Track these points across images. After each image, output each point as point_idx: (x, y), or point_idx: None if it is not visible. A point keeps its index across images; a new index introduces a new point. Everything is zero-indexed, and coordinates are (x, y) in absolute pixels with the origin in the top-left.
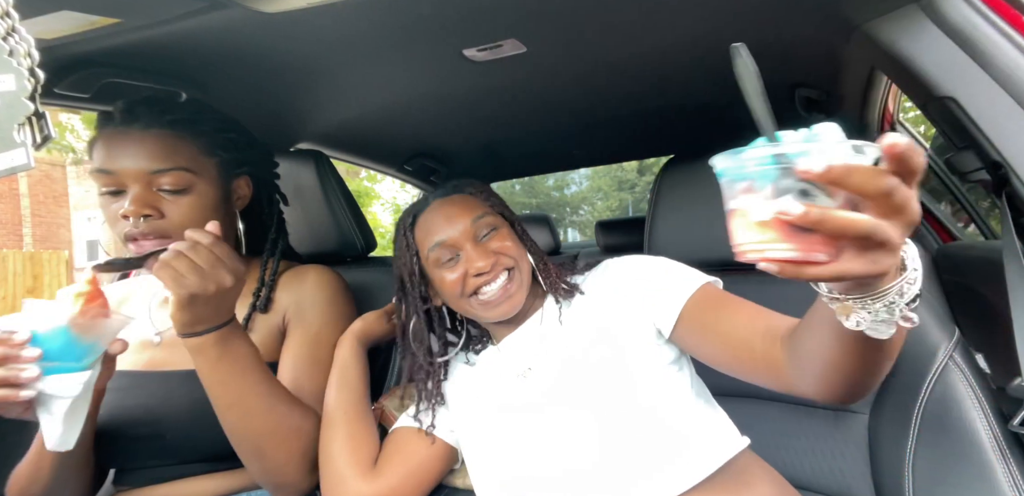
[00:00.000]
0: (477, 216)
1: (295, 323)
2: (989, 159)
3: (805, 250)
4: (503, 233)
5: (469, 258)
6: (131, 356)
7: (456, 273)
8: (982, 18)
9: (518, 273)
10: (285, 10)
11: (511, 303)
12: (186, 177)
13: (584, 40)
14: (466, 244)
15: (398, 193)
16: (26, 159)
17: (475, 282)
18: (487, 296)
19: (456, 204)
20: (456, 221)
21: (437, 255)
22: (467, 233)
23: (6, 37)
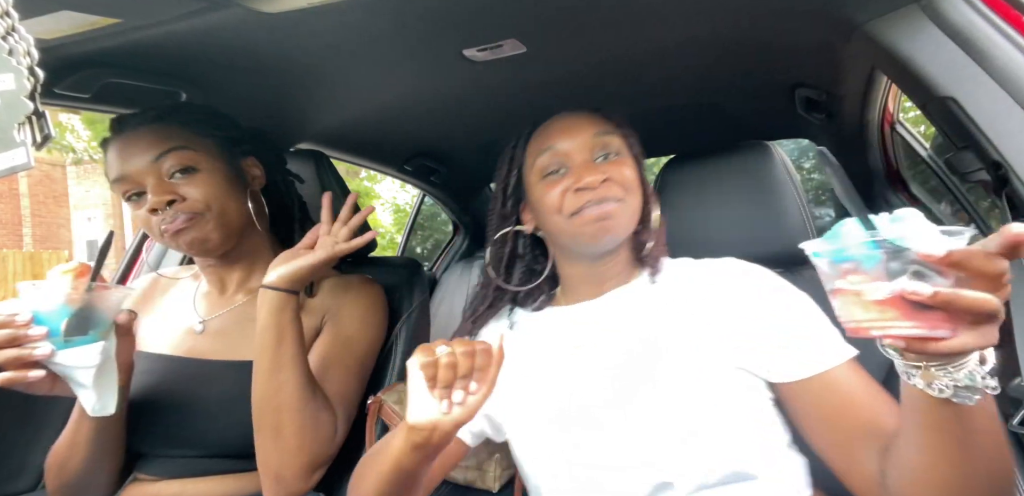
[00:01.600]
0: (601, 131)
1: (331, 325)
2: (989, 159)
3: (929, 327)
4: (625, 162)
5: (577, 171)
6: (173, 341)
7: (559, 187)
8: (982, 18)
9: (626, 208)
10: (285, 10)
11: (613, 224)
12: (188, 154)
13: (584, 40)
14: (579, 157)
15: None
16: (26, 158)
17: (578, 198)
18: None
19: (582, 118)
20: (576, 132)
21: (544, 162)
22: (584, 146)
23: (5, 36)
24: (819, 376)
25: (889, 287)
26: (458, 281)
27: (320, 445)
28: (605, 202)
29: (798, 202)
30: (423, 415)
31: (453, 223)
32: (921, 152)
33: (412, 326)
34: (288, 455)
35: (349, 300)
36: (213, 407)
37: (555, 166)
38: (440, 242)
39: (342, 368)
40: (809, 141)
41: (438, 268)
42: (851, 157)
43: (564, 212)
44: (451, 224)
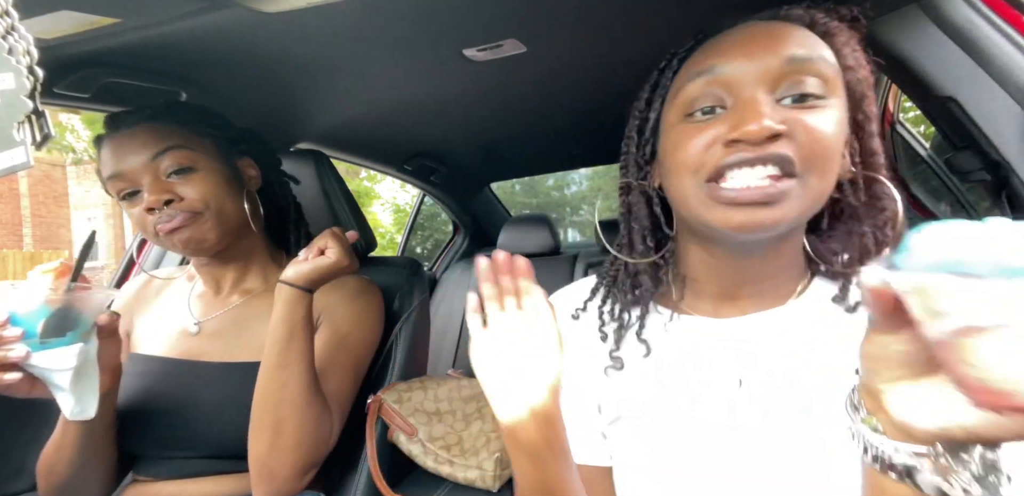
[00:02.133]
0: (802, 55)
1: (326, 324)
2: (989, 159)
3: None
4: (826, 111)
5: (743, 110)
6: (168, 343)
7: (705, 134)
8: (982, 18)
9: (798, 183)
10: (285, 10)
11: (770, 212)
12: (186, 154)
13: (584, 40)
14: (749, 89)
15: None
16: (26, 158)
17: (726, 154)
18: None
19: (775, 30)
20: (758, 51)
21: (693, 92)
22: (765, 73)
23: (5, 35)
24: None
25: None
26: (458, 281)
27: (317, 445)
28: (765, 168)
29: None
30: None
31: (453, 223)
32: (921, 152)
33: (412, 326)
34: (285, 453)
35: (345, 300)
36: (209, 409)
37: (708, 101)
38: (440, 242)
39: (338, 368)
40: None
41: (438, 268)
42: None
43: (700, 173)
44: (451, 224)
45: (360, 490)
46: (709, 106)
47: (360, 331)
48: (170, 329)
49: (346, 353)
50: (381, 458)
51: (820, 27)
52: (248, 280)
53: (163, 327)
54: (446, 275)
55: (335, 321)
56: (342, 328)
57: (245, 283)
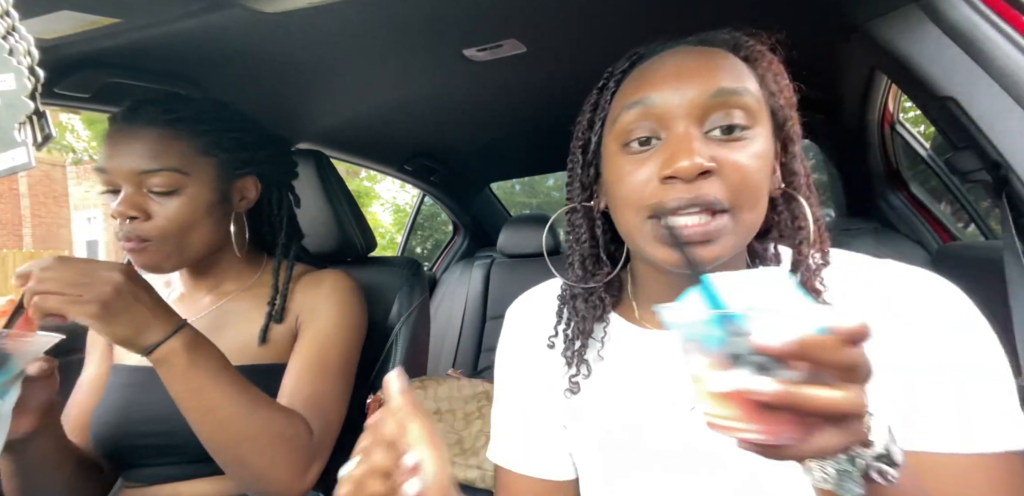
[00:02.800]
0: (725, 89)
1: (307, 327)
2: (989, 159)
3: (774, 433)
4: (756, 138)
5: (675, 146)
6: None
7: (642, 169)
8: (982, 18)
9: (730, 219)
10: (285, 10)
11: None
12: (176, 178)
13: (584, 40)
14: (679, 124)
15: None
16: (27, 158)
17: (663, 192)
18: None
19: (704, 58)
20: (687, 83)
21: (628, 122)
22: (695, 107)
23: (6, 36)
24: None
25: (729, 381)
26: (458, 281)
27: (294, 451)
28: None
29: None
30: None
31: (453, 223)
32: (921, 152)
33: (412, 326)
34: (265, 474)
35: (323, 297)
36: None
37: (643, 132)
38: (440, 242)
39: (322, 372)
40: (809, 141)
41: (438, 268)
42: (851, 157)
43: (642, 211)
44: (451, 224)
45: None
46: (644, 137)
47: (343, 329)
48: None
49: (331, 354)
50: None
51: (744, 51)
52: (225, 284)
53: None
54: (446, 275)
55: (315, 322)
56: (324, 328)
57: (222, 286)
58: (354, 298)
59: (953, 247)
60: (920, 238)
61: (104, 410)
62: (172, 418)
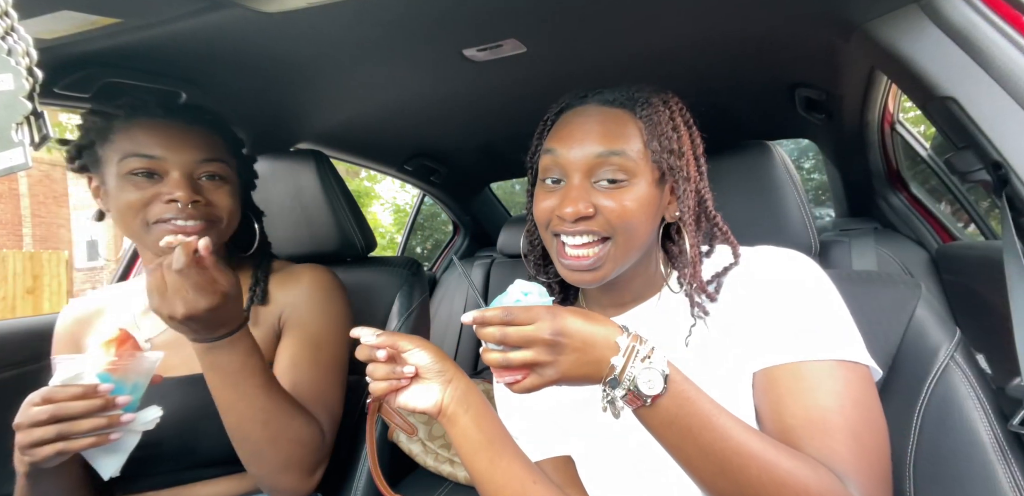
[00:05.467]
0: (607, 151)
1: (291, 324)
2: (989, 159)
3: (501, 376)
4: (633, 188)
5: (565, 195)
6: None
7: (549, 201)
8: (982, 18)
9: (612, 246)
10: (285, 10)
11: (591, 275)
12: (225, 168)
13: (584, 40)
14: (575, 175)
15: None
16: (24, 158)
17: (557, 224)
18: (567, 248)
19: (601, 120)
20: (585, 143)
21: (544, 164)
22: (585, 164)
23: (4, 36)
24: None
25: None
26: (458, 281)
27: (309, 454)
28: (583, 244)
29: (798, 202)
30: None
31: (453, 223)
32: (921, 152)
33: (412, 326)
34: (277, 471)
35: (304, 294)
36: (179, 424)
37: (554, 174)
38: (440, 242)
39: (316, 368)
40: (809, 141)
41: (438, 268)
42: (851, 157)
43: (548, 230)
44: (451, 224)
45: (360, 490)
46: (555, 178)
47: (330, 325)
48: None
49: (322, 352)
50: (381, 458)
51: (641, 110)
52: None
53: None
54: (446, 275)
55: (300, 322)
56: (310, 327)
57: None
58: (336, 292)
59: (953, 247)
60: (920, 238)
61: None
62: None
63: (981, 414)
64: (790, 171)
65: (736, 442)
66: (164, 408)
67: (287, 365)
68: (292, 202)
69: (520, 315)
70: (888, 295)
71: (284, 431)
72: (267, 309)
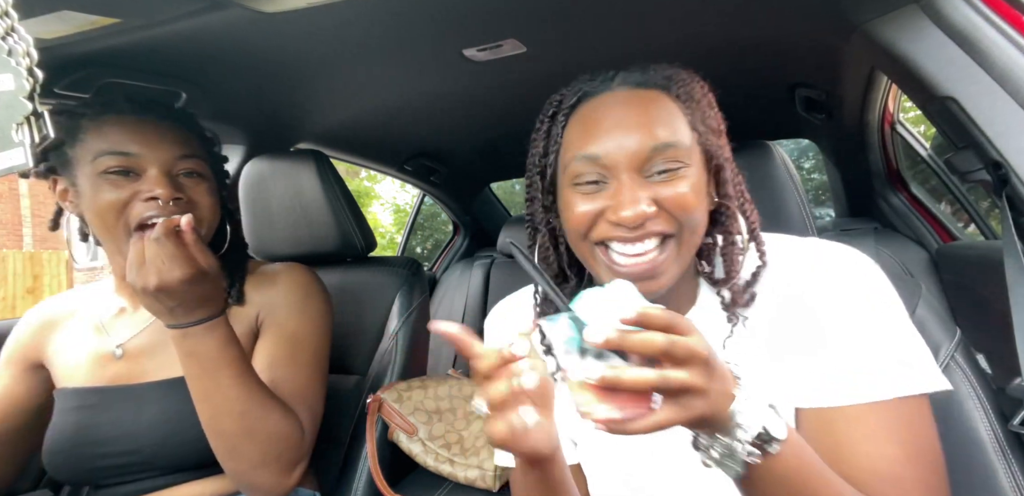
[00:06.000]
0: (661, 144)
1: (269, 324)
2: (989, 159)
3: (621, 409)
4: (689, 174)
5: (618, 196)
6: (95, 372)
7: (590, 206)
8: (982, 18)
9: (675, 246)
10: (285, 10)
11: (654, 283)
12: (202, 165)
13: (584, 40)
14: (623, 174)
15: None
16: (24, 158)
17: (607, 231)
18: (619, 257)
19: (641, 106)
20: (629, 134)
21: (581, 169)
22: (635, 158)
23: (5, 37)
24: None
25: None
26: (458, 281)
27: (286, 449)
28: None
29: (798, 202)
30: None
31: (453, 223)
32: (921, 152)
33: (412, 326)
34: (253, 467)
35: (281, 292)
36: (158, 428)
37: (592, 177)
38: (440, 242)
39: (295, 366)
40: (809, 141)
41: (438, 268)
42: (851, 157)
43: (589, 239)
44: (451, 224)
45: (360, 490)
46: (594, 179)
47: (308, 323)
48: (92, 357)
49: (301, 349)
50: (381, 458)
51: (677, 90)
52: None
53: (84, 356)
54: (446, 275)
55: (277, 321)
56: (287, 325)
57: None
58: (314, 290)
59: (953, 247)
60: (920, 238)
61: (59, 435)
62: (137, 435)
63: (981, 414)
64: (790, 171)
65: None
66: (142, 413)
67: (265, 364)
68: (292, 202)
69: (680, 322)
70: None
71: (260, 424)
72: (243, 310)
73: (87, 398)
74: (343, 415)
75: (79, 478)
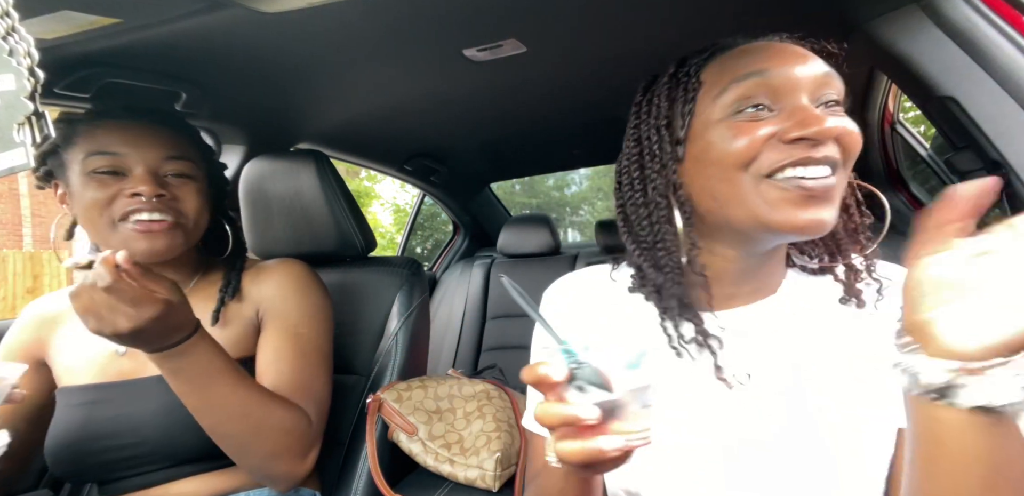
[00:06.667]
0: (829, 72)
1: (271, 317)
2: (989, 159)
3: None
4: (847, 116)
5: (803, 113)
6: (97, 368)
7: (761, 129)
8: (982, 18)
9: (838, 183)
10: (285, 10)
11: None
12: (191, 167)
13: (584, 40)
14: (802, 96)
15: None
16: (25, 159)
17: (785, 153)
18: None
19: (800, 48)
20: (801, 62)
21: (748, 90)
22: (814, 82)
23: (6, 37)
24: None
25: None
26: (458, 281)
27: (296, 440)
28: (821, 169)
29: None
30: None
31: (453, 223)
32: (921, 152)
33: (412, 326)
34: (267, 460)
35: (278, 286)
36: (163, 421)
37: (760, 100)
38: (440, 242)
39: (299, 358)
40: None
41: (438, 268)
42: None
43: (755, 169)
44: (451, 224)
45: (360, 490)
46: (758, 103)
47: (309, 317)
48: (95, 353)
49: (302, 341)
50: (381, 458)
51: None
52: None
53: (87, 353)
54: (446, 275)
55: (280, 314)
56: (290, 319)
57: None
58: (310, 282)
59: None
60: None
61: (62, 432)
62: (141, 427)
63: None
64: None
65: None
66: (146, 406)
67: (271, 357)
68: (292, 202)
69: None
70: None
71: (265, 423)
72: (242, 306)
73: (90, 394)
74: (343, 415)
75: (83, 473)
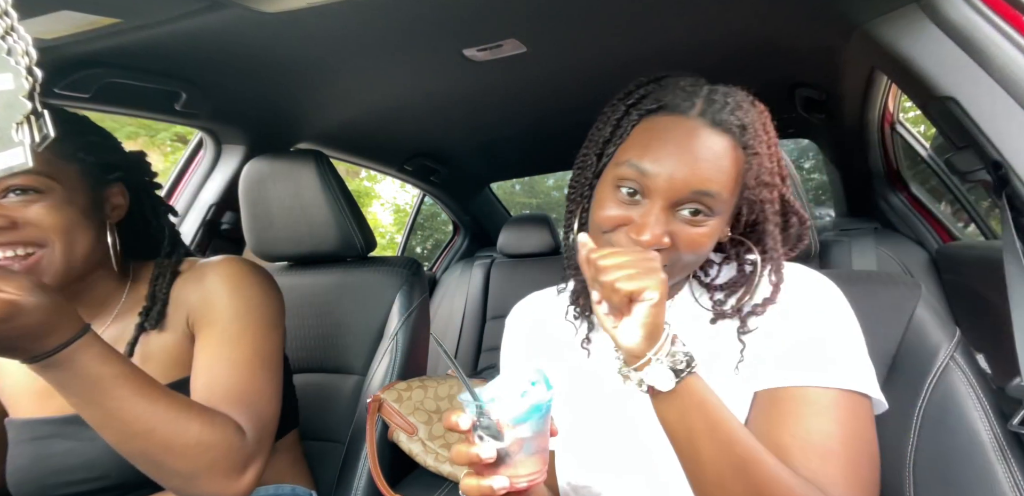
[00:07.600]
0: (703, 191)
1: (201, 324)
2: (989, 159)
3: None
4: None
5: (644, 220)
6: (40, 403)
7: (619, 212)
8: (982, 18)
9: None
10: (285, 10)
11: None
12: (37, 179)
13: (584, 40)
14: (658, 201)
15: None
16: (24, 158)
17: (622, 240)
18: None
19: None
20: (680, 172)
21: (624, 173)
22: (674, 195)
23: (4, 36)
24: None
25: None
26: (458, 281)
27: (222, 456)
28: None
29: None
30: None
31: (453, 223)
32: (921, 152)
33: (412, 326)
34: (187, 479)
35: (208, 290)
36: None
37: (634, 186)
38: (440, 242)
39: (232, 366)
40: (809, 141)
41: (438, 268)
42: (851, 157)
43: (605, 236)
44: (451, 224)
45: (360, 490)
46: (632, 191)
47: (244, 319)
48: (35, 384)
49: (237, 347)
50: (381, 458)
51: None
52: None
53: (26, 383)
54: (446, 275)
55: (209, 320)
56: (220, 324)
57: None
58: (247, 281)
59: (953, 247)
60: (920, 238)
61: (18, 470)
62: (96, 461)
63: (981, 414)
64: (790, 171)
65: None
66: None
67: (202, 367)
68: (292, 202)
69: None
70: (888, 295)
71: (179, 437)
72: (171, 314)
73: (38, 430)
74: (343, 415)
75: None
